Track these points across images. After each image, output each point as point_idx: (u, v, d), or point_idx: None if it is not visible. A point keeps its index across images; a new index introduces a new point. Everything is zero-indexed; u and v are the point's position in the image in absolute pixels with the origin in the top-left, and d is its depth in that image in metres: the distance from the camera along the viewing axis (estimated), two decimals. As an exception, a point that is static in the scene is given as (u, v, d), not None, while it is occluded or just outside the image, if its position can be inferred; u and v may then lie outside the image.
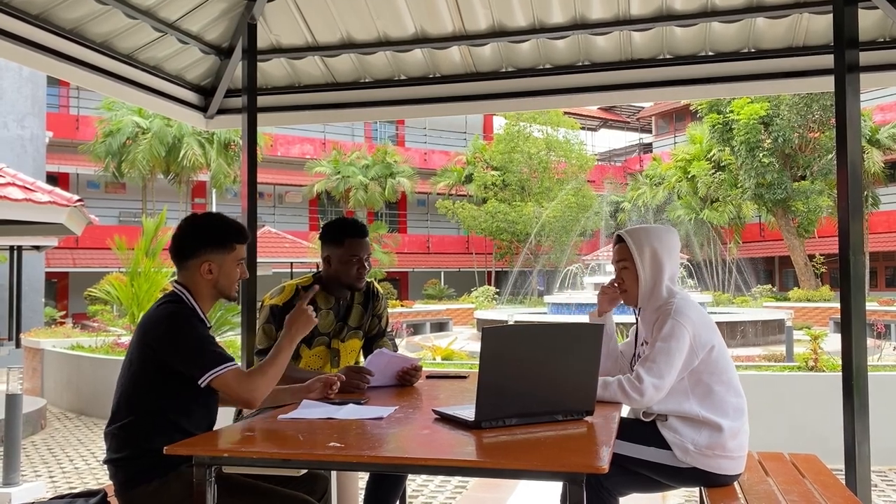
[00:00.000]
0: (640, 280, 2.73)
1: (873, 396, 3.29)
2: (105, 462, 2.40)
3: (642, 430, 2.67)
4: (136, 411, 2.34)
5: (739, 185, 26.98)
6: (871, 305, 19.34)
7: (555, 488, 2.41)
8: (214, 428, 2.43)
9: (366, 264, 3.16)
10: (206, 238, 2.48)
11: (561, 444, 2.03)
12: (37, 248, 17.55)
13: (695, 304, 2.69)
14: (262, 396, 2.25)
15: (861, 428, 3.15)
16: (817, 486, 2.79)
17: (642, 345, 2.77)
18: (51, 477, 5.98)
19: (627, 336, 3.04)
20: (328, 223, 3.27)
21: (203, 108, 4.62)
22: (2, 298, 17.73)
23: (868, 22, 3.73)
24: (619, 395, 2.55)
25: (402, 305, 23.23)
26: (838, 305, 3.34)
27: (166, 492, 2.29)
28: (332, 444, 2.00)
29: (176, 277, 2.53)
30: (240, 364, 4.10)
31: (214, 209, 26.89)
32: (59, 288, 27.93)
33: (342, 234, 3.16)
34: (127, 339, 9.72)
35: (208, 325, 2.48)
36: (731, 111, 25.92)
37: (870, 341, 11.31)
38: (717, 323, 2.76)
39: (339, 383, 2.68)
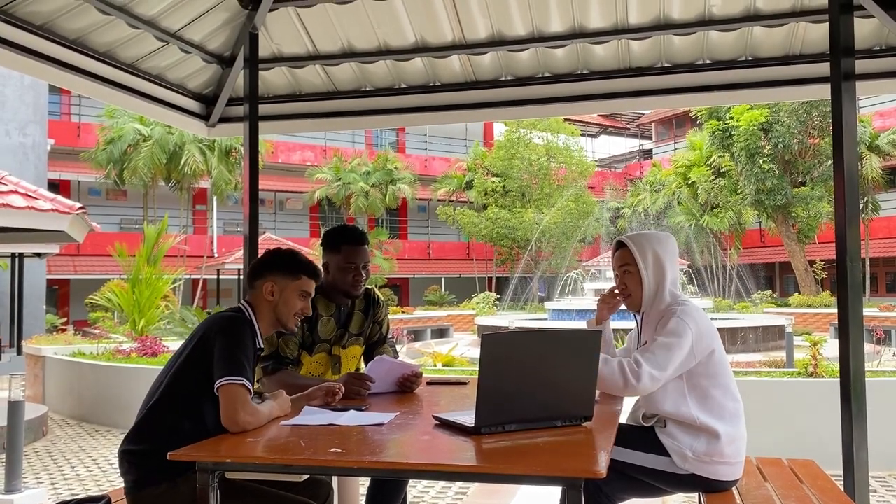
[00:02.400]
0: (644, 284, 2.76)
1: (874, 402, 3.30)
2: (120, 453, 2.43)
3: (641, 436, 2.69)
4: (172, 403, 2.40)
5: (739, 191, 27.01)
6: (871, 311, 19.31)
7: (554, 494, 2.43)
8: None
9: (362, 272, 3.17)
10: (275, 262, 2.65)
11: (560, 449, 2.05)
12: (38, 255, 17.61)
13: (699, 309, 2.71)
14: (244, 427, 2.27)
15: (859, 433, 3.16)
16: (815, 492, 2.80)
17: (643, 344, 2.79)
18: (52, 484, 6.00)
19: (625, 342, 3.06)
20: (328, 230, 3.29)
21: (205, 117, 4.66)
22: (3, 305, 17.75)
23: (864, 30, 3.76)
24: (616, 375, 2.55)
25: (402, 312, 23.22)
26: (838, 311, 3.35)
27: (174, 495, 2.31)
28: (333, 449, 2.02)
29: (245, 297, 2.67)
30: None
31: (215, 216, 27.01)
32: (60, 295, 27.95)
33: (339, 241, 3.18)
34: (128, 345, 9.74)
35: (259, 349, 2.56)
36: (731, 117, 25.97)
37: (869, 347, 11.32)
38: (718, 328, 2.78)
39: (341, 393, 2.70)
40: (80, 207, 7.84)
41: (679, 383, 2.65)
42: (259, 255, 2.75)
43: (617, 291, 2.88)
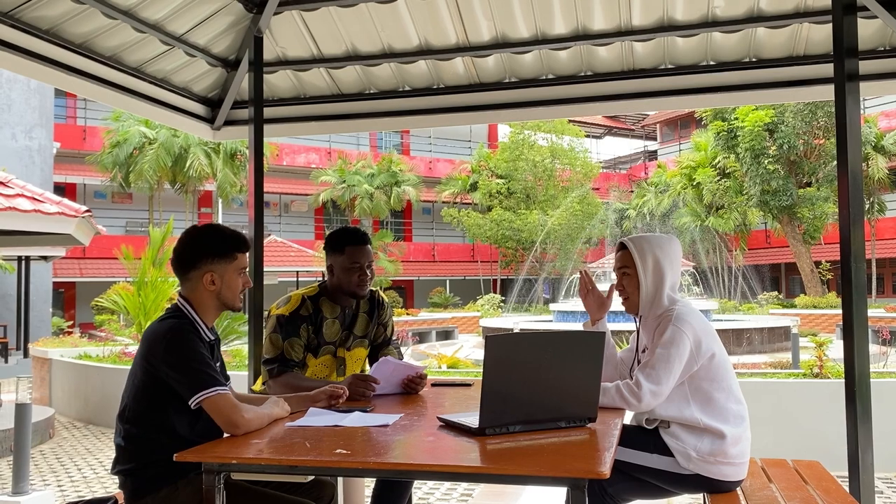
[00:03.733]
0: (642, 287, 2.77)
1: (879, 403, 3.30)
2: (114, 472, 2.42)
3: (645, 436, 2.69)
4: (141, 424, 2.37)
5: (745, 192, 26.96)
6: (877, 312, 19.26)
7: (559, 496, 2.44)
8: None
9: (367, 271, 3.18)
10: (207, 248, 2.48)
11: (563, 450, 2.06)
12: (44, 258, 17.68)
13: (696, 312, 2.71)
14: (245, 429, 2.27)
15: (864, 434, 3.16)
16: (820, 493, 2.80)
17: (643, 351, 2.80)
18: (59, 486, 6.02)
19: (629, 343, 3.07)
20: (330, 233, 3.31)
21: (210, 120, 4.68)
22: (10, 308, 17.82)
23: (868, 31, 3.76)
24: (617, 401, 2.58)
25: (407, 314, 23.23)
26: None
27: (175, 499, 2.32)
28: (338, 450, 2.03)
29: (180, 290, 2.53)
30: (247, 375, 4.14)
31: (221, 219, 27.04)
32: (66, 298, 28.05)
33: (342, 242, 3.19)
34: (134, 348, 9.77)
35: (211, 339, 2.49)
36: (736, 118, 25.92)
37: (876, 348, 11.27)
38: (724, 330, 2.80)
39: (344, 396, 2.71)
40: (86, 210, 7.86)
41: (682, 388, 2.65)
42: (180, 241, 2.52)
43: (618, 290, 2.89)
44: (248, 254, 2.56)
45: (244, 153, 24.01)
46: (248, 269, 2.58)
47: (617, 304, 2.90)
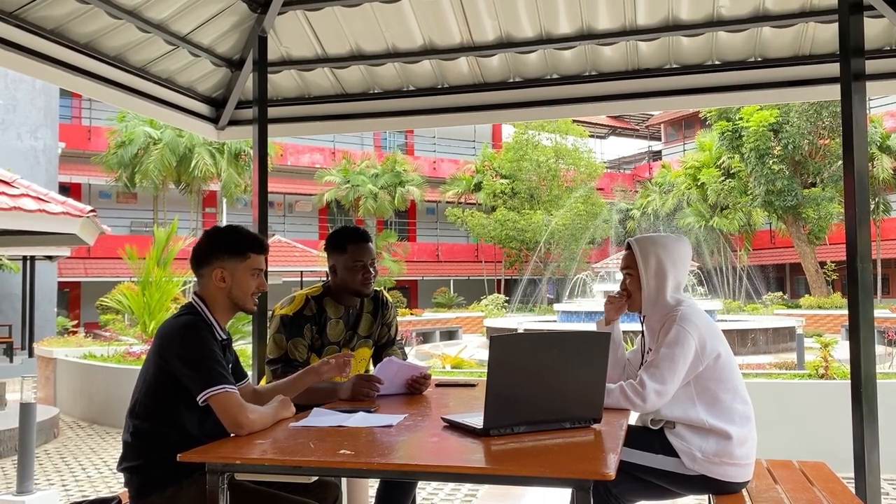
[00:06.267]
0: (643, 287, 2.77)
1: (885, 404, 3.28)
2: (120, 469, 2.43)
3: (650, 437, 2.68)
4: (150, 419, 2.37)
5: (749, 193, 26.90)
6: (883, 313, 19.20)
7: (563, 497, 2.43)
8: None
9: (371, 269, 3.19)
10: (219, 245, 2.51)
11: (568, 451, 2.05)
12: (49, 258, 17.73)
13: (701, 312, 2.71)
14: (249, 429, 2.26)
15: (870, 435, 3.14)
16: (826, 494, 2.79)
17: (648, 352, 2.79)
18: (63, 485, 6.03)
19: (635, 344, 3.06)
20: (331, 233, 3.32)
21: (214, 120, 4.68)
22: (15, 308, 17.87)
23: (874, 30, 3.74)
24: (621, 401, 2.57)
25: (411, 314, 23.23)
26: (848, 313, 3.33)
27: (180, 499, 2.32)
28: (342, 451, 2.03)
29: (195, 288, 2.54)
30: (250, 380, 4.14)
31: (225, 219, 27.09)
32: (71, 297, 28.11)
33: (344, 240, 3.19)
34: (138, 348, 9.79)
35: (224, 339, 2.50)
36: (741, 118, 25.87)
37: (882, 349, 11.24)
38: (728, 330, 2.79)
39: (349, 367, 2.69)
40: (91, 210, 7.87)
41: (687, 389, 2.65)
42: (198, 239, 2.57)
43: (621, 292, 2.90)
44: (263, 257, 2.56)
45: (248, 153, 24.03)
46: (261, 271, 2.56)
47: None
